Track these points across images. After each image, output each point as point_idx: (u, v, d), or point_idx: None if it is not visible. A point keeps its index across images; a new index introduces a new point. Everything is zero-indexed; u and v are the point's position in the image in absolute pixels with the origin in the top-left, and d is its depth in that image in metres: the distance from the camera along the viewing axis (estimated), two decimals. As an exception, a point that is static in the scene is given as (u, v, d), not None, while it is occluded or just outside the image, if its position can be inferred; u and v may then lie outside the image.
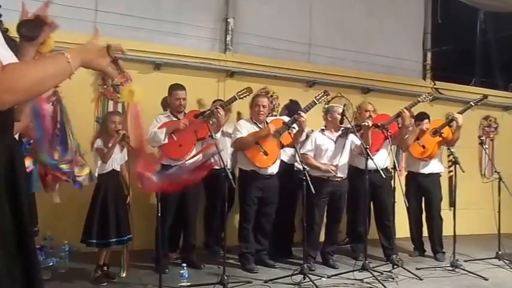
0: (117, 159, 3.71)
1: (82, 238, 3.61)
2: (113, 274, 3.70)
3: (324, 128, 4.52)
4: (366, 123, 4.35)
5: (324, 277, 3.91)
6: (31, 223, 1.42)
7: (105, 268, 3.68)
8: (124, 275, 3.75)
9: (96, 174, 3.66)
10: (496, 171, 4.89)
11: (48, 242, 4.12)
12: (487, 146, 6.32)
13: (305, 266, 3.77)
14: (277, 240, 4.55)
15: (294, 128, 4.14)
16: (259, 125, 4.27)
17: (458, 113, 4.78)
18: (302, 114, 4.03)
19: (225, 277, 3.48)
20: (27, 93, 1.07)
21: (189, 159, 3.78)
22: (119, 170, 3.73)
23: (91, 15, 4.77)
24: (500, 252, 4.72)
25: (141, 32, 4.91)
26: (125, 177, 3.81)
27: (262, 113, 4.24)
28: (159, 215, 3.42)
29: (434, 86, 6.57)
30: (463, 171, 4.44)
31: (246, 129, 4.20)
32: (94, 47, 1.19)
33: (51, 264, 3.90)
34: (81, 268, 3.87)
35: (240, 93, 4.11)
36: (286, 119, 4.31)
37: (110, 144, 3.61)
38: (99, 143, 3.64)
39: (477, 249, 5.19)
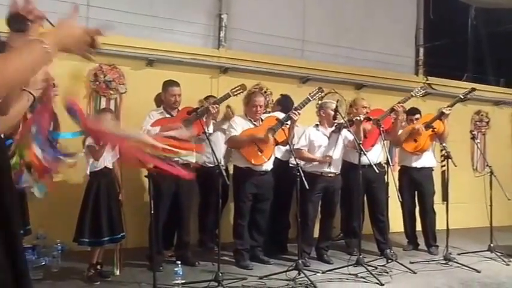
0: (109, 157, 3.67)
1: (74, 237, 3.57)
2: (106, 273, 3.67)
3: (318, 123, 4.52)
4: (358, 118, 4.35)
5: (318, 272, 3.92)
6: (19, 223, 1.38)
7: (98, 267, 3.64)
8: (118, 273, 3.73)
9: (88, 172, 3.62)
10: (487, 165, 4.94)
11: (40, 241, 4.08)
12: (478, 141, 6.38)
13: (300, 261, 3.77)
14: (271, 237, 4.56)
15: (287, 124, 4.13)
16: (254, 122, 4.26)
17: (447, 106, 4.82)
18: (297, 112, 4.02)
19: (220, 274, 3.47)
20: (5, 86, 1.01)
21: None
22: (111, 167, 3.69)
23: (83, 11, 4.71)
24: (492, 245, 4.77)
25: (134, 28, 4.84)
26: (117, 174, 3.78)
27: (259, 112, 4.24)
28: (152, 212, 3.39)
29: (427, 82, 6.59)
30: (455, 166, 4.48)
31: (240, 126, 4.18)
32: (73, 30, 1.10)
33: (43, 263, 3.85)
34: (74, 267, 3.83)
35: (234, 90, 4.07)
36: (281, 115, 4.29)
37: (102, 142, 3.57)
38: (90, 140, 3.60)
39: (470, 242, 5.24)
